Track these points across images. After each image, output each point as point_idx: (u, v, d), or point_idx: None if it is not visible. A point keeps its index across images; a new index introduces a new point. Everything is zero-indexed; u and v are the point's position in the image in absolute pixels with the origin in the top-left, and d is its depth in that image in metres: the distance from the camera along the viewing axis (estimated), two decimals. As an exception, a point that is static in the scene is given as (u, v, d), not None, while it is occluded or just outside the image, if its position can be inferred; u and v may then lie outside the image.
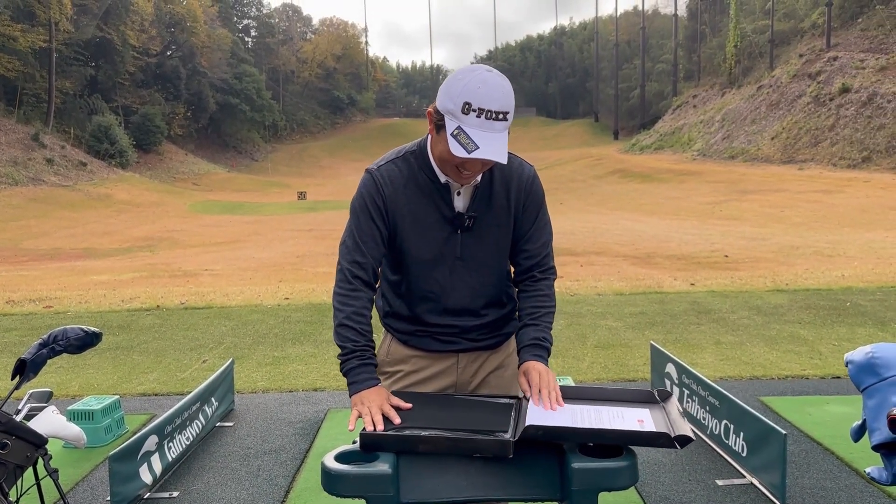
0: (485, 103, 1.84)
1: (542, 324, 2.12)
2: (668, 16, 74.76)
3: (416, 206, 2.07)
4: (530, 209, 2.17)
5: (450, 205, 2.07)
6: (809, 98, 43.02)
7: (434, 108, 1.94)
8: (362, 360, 2.02)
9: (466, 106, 1.84)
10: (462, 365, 2.22)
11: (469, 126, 1.84)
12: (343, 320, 2.04)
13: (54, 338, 2.73)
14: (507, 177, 2.11)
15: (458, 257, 2.11)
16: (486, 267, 2.15)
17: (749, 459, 3.75)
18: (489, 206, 2.10)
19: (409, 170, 2.08)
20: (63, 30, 52.35)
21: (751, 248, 15.64)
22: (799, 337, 7.03)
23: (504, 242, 2.16)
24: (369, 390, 1.97)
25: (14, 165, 41.28)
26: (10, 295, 11.18)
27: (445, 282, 2.13)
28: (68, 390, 5.79)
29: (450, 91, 1.87)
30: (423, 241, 2.09)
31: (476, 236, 2.10)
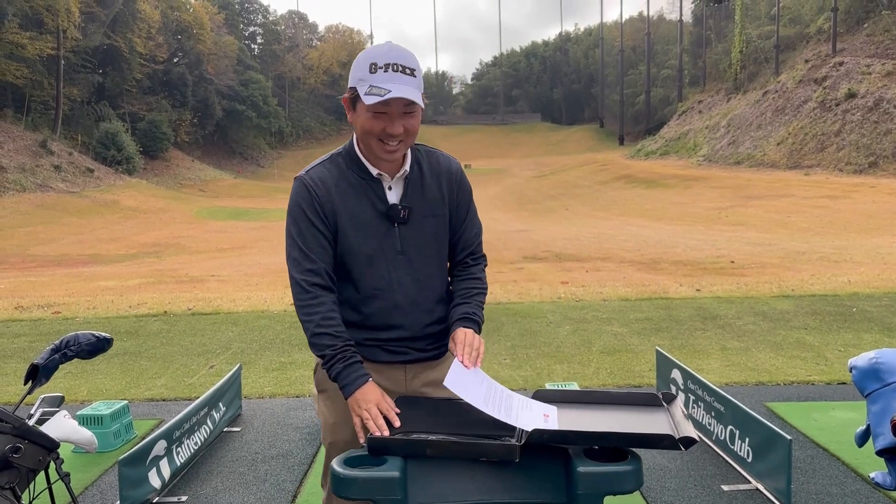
0: (390, 59, 1.94)
1: (474, 302, 2.18)
2: (673, 21, 74.80)
3: (350, 204, 2.09)
4: (462, 201, 2.23)
5: (383, 199, 2.11)
6: (815, 103, 42.92)
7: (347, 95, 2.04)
8: (345, 361, 2.02)
9: (373, 66, 1.94)
10: (410, 377, 2.21)
11: (378, 81, 1.93)
12: (315, 329, 2.04)
13: (66, 343, 2.77)
14: (437, 169, 2.19)
15: (399, 251, 2.13)
16: (427, 258, 2.17)
17: (754, 465, 3.77)
18: (423, 197, 2.14)
19: (339, 170, 2.12)
20: (71, 37, 52.62)
21: (757, 254, 15.61)
22: (805, 343, 7.03)
23: (442, 234, 2.20)
24: (362, 390, 1.98)
25: (22, 172, 41.48)
26: (19, 301, 11.25)
27: (391, 277, 2.13)
28: (77, 395, 5.84)
29: (357, 64, 1.99)
30: (363, 237, 2.10)
31: (414, 228, 2.13)
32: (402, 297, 2.14)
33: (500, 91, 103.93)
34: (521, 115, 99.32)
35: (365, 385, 2.00)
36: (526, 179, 53.36)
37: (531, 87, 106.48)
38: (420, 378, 2.21)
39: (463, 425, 1.87)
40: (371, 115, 1.99)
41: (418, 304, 2.17)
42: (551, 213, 33.81)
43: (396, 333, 2.16)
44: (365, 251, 2.11)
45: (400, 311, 2.14)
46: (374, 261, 2.11)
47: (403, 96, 1.93)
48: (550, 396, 2.04)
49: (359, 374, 2.02)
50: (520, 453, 1.72)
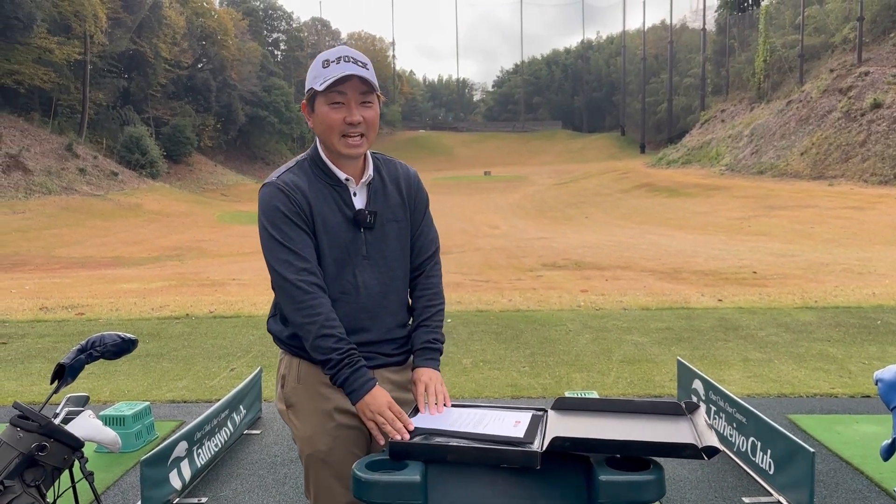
0: (342, 53, 2.05)
1: (433, 324, 2.24)
2: (696, 30, 74.37)
3: (323, 209, 2.12)
4: (420, 206, 2.30)
5: (350, 204, 2.14)
6: (840, 113, 42.45)
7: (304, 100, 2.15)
8: (353, 366, 2.01)
9: (325, 62, 2.05)
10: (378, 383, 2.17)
11: (332, 71, 2.03)
12: (319, 331, 2.00)
13: (92, 344, 2.81)
14: (395, 175, 2.26)
15: (365, 256, 2.16)
16: (392, 262, 2.21)
17: (776, 477, 3.72)
18: (385, 202, 2.20)
19: (307, 176, 2.14)
20: (98, 42, 53.35)
21: (779, 265, 15.46)
22: (828, 355, 6.94)
23: (404, 238, 2.25)
24: (371, 395, 1.99)
25: (48, 175, 42.08)
26: (44, 302, 11.40)
27: (356, 280, 2.15)
28: (100, 396, 5.90)
29: (311, 68, 2.10)
30: (332, 242, 2.12)
31: (378, 233, 2.17)
32: (368, 301, 2.16)
33: (520, 98, 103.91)
34: (541, 123, 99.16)
35: (374, 389, 2.01)
36: (546, 187, 53.24)
37: (552, 95, 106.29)
38: (386, 383, 2.18)
39: (484, 431, 1.87)
40: (329, 108, 2.06)
41: (384, 308, 2.20)
42: (571, 221, 33.69)
43: (363, 337, 2.16)
44: (333, 255, 2.13)
45: (366, 314, 2.15)
46: (341, 264, 2.14)
47: (356, 73, 2.01)
48: (572, 404, 2.03)
49: (366, 378, 2.02)
50: (541, 461, 1.72)
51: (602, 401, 2.04)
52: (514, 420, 1.94)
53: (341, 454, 2.16)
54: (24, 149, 42.83)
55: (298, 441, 2.22)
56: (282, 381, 2.25)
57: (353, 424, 2.16)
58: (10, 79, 46.16)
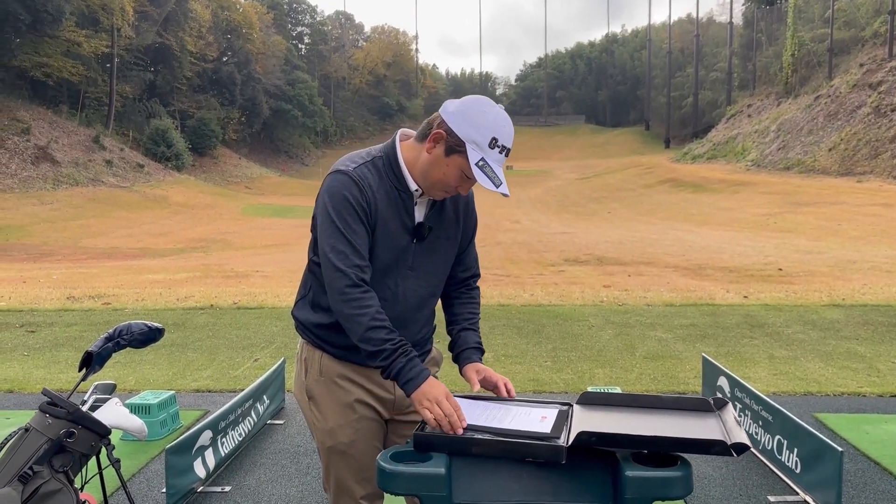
0: (507, 141, 1.98)
1: (477, 329, 2.32)
2: (722, 23, 73.53)
3: (386, 212, 2.08)
4: (471, 224, 2.31)
5: (411, 214, 2.11)
6: (870, 109, 41.78)
7: (448, 131, 1.96)
8: (407, 355, 1.98)
9: (493, 141, 1.95)
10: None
11: (492, 161, 1.96)
12: (370, 323, 1.98)
13: (119, 332, 2.83)
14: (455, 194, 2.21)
15: (410, 267, 2.15)
16: (432, 276, 2.22)
17: (803, 476, 3.67)
18: (441, 218, 2.18)
19: (378, 175, 2.08)
20: (125, 36, 53.97)
21: (806, 262, 15.26)
22: (856, 353, 6.84)
23: (450, 255, 2.26)
24: (428, 383, 1.95)
25: (76, 166, 42.67)
26: (71, 291, 11.57)
27: (397, 289, 2.14)
28: (126, 385, 5.97)
29: (476, 123, 1.94)
30: (386, 247, 2.10)
31: (428, 247, 2.16)
32: (403, 310, 2.16)
33: (543, 92, 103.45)
34: (564, 117, 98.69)
35: (430, 379, 1.98)
36: (568, 181, 53.00)
37: (575, 89, 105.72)
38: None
39: (510, 424, 1.86)
40: (458, 175, 2.00)
41: (415, 320, 2.22)
42: (594, 216, 33.52)
43: None
44: (383, 259, 2.11)
45: (398, 323, 2.10)
46: (386, 270, 2.12)
47: (507, 193, 2.01)
48: (597, 399, 2.01)
49: (420, 368, 1.99)
50: (566, 455, 1.70)
51: (628, 396, 2.02)
52: (540, 415, 1.92)
53: (362, 446, 2.17)
54: (52, 140, 43.46)
55: (318, 433, 2.22)
56: (305, 369, 2.24)
57: (373, 417, 2.18)
58: (40, 71, 46.85)
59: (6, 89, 45.74)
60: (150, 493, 3.82)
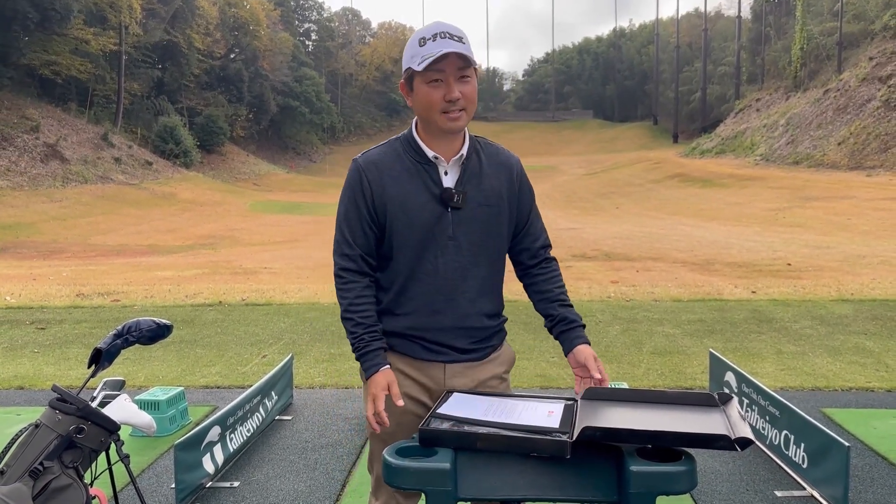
0: (437, 29, 2.01)
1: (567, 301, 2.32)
2: (731, 17, 73.17)
3: (403, 187, 2.10)
4: (527, 194, 2.27)
5: (437, 182, 2.11)
6: (879, 102, 41.47)
7: (402, 79, 2.11)
8: (362, 349, 2.10)
9: (421, 40, 2.02)
10: (449, 376, 2.19)
11: (429, 49, 1.99)
12: (343, 314, 2.14)
13: (128, 329, 2.86)
14: (497, 161, 2.20)
15: (451, 237, 2.12)
16: (477, 247, 2.16)
17: (810, 471, 3.67)
18: (479, 185, 2.14)
19: (395, 153, 2.14)
20: (132, 33, 54.07)
21: (815, 257, 15.19)
22: (864, 348, 6.82)
23: (495, 226, 2.17)
24: (374, 378, 2.07)
25: (84, 164, 42.83)
26: (80, 288, 11.63)
27: (437, 261, 2.13)
28: (135, 381, 6.02)
29: (407, 46, 2.07)
30: (414, 220, 2.10)
31: (467, 215, 2.12)
32: (445, 283, 2.14)
33: (551, 88, 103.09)
34: (572, 112, 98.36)
35: (375, 374, 2.08)
36: (576, 177, 52.87)
37: (583, 84, 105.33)
38: (457, 379, 2.19)
39: (515, 419, 1.87)
40: (428, 87, 2.03)
41: (462, 292, 2.15)
42: (602, 212, 33.43)
43: (437, 321, 2.15)
44: (415, 234, 2.11)
45: (442, 297, 2.13)
46: (423, 244, 2.12)
47: (453, 50, 1.98)
48: (602, 394, 2.02)
49: (374, 362, 2.09)
50: (571, 450, 1.71)
51: (633, 391, 2.02)
52: (547, 410, 1.93)
53: (401, 438, 2.19)
54: (61, 138, 43.62)
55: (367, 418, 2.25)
56: None
57: (416, 412, 2.17)
58: (48, 69, 47.02)
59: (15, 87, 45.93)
60: (160, 488, 3.85)
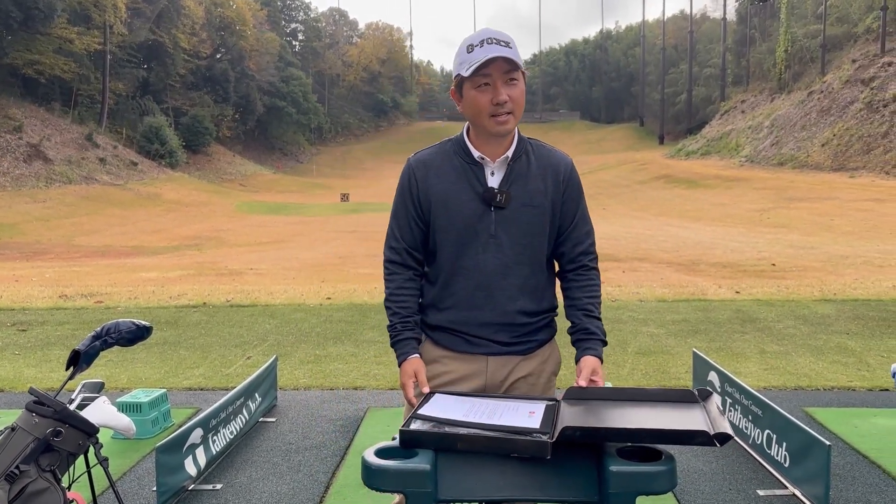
0: (484, 35, 2.06)
1: (597, 313, 2.30)
2: (716, 20, 73.61)
3: (449, 186, 2.19)
4: (572, 196, 2.27)
5: (483, 182, 2.17)
6: (862, 104, 41.91)
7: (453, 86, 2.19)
8: (394, 337, 2.23)
9: (470, 47, 2.07)
10: (491, 369, 2.24)
11: (477, 55, 2.04)
12: (385, 302, 2.28)
13: (107, 330, 2.83)
14: (545, 162, 2.23)
15: (492, 235, 2.17)
16: (519, 246, 2.19)
17: (792, 470, 3.69)
18: (525, 186, 2.17)
19: (445, 154, 2.23)
20: (117, 33, 53.75)
21: (798, 257, 15.31)
22: (846, 348, 6.87)
23: (538, 226, 2.20)
24: (401, 369, 2.19)
25: (69, 164, 42.51)
26: (63, 290, 11.53)
27: (478, 258, 2.18)
28: (117, 383, 5.96)
29: (457, 53, 2.12)
30: (455, 217, 2.18)
31: (510, 214, 2.17)
32: (485, 279, 2.19)
33: (538, 89, 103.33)
34: (559, 114, 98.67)
35: (403, 363, 2.19)
36: (563, 178, 52.94)
37: (570, 86, 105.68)
38: (501, 372, 2.25)
39: (495, 420, 1.86)
40: (476, 92, 2.09)
41: (502, 290, 2.20)
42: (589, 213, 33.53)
43: (477, 316, 2.21)
44: (458, 230, 2.18)
45: (482, 293, 2.20)
46: (464, 241, 2.19)
47: (499, 55, 2.02)
48: (583, 394, 2.02)
49: (402, 350, 2.21)
50: (551, 450, 1.70)
51: (613, 390, 2.02)
52: (528, 410, 1.92)
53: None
54: (44, 138, 43.30)
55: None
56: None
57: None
58: (32, 69, 46.65)
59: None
60: (141, 491, 3.81)
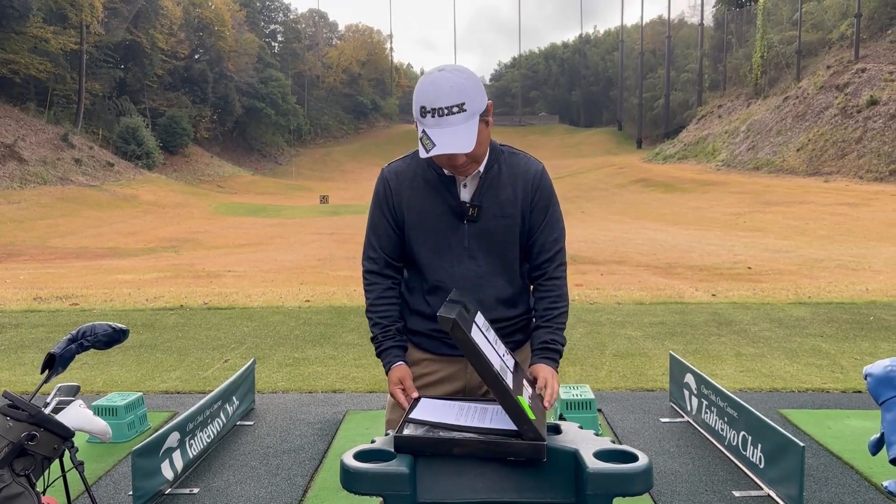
0: (435, 103, 1.94)
1: (555, 325, 2.23)
2: (693, 25, 74.29)
3: (422, 199, 2.18)
4: (540, 204, 2.23)
5: (455, 195, 2.16)
6: (836, 110, 42.51)
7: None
8: (379, 349, 2.24)
9: (422, 109, 1.97)
10: (471, 370, 2.25)
11: (428, 126, 1.96)
12: (366, 312, 2.29)
13: (83, 333, 2.80)
14: (515, 170, 2.20)
15: (466, 248, 2.18)
16: (493, 257, 2.21)
17: (767, 471, 3.74)
18: (496, 197, 2.16)
19: (418, 166, 2.21)
20: (94, 32, 53.15)
21: (774, 260, 15.50)
22: (820, 350, 6.97)
23: (511, 236, 2.21)
24: (388, 377, 2.19)
25: (43, 165, 41.93)
26: (38, 292, 11.38)
27: (453, 271, 2.20)
28: (93, 386, 5.90)
29: (413, 99, 2.01)
30: (431, 232, 2.19)
31: (483, 227, 2.18)
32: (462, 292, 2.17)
33: (518, 92, 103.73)
34: (538, 117, 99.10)
35: (389, 371, 2.20)
36: (542, 181, 53.14)
37: (549, 89, 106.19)
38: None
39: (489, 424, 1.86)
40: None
41: (479, 301, 2.20)
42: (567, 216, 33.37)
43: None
44: (432, 245, 2.19)
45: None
46: (439, 254, 2.20)
47: (444, 153, 1.95)
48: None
49: (387, 359, 2.22)
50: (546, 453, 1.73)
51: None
52: None
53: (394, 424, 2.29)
54: (19, 138, 42.67)
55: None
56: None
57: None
58: (6, 68, 45.98)
59: (-29, 86, 44.86)
60: (117, 495, 3.78)
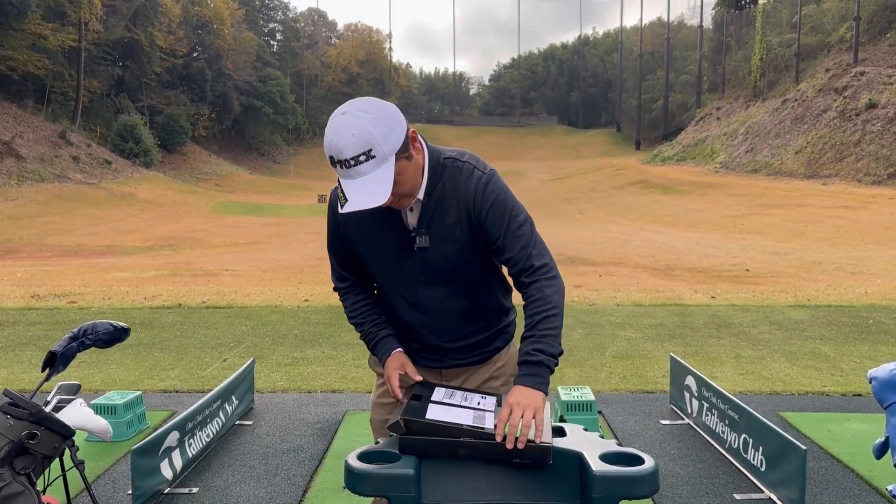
0: (338, 153, 1.81)
1: (539, 333, 1.98)
2: (693, 27, 74.35)
3: (372, 230, 2.08)
4: (490, 217, 2.03)
5: (402, 223, 2.06)
6: (835, 113, 42.56)
7: None
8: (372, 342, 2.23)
9: (330, 160, 1.85)
10: (447, 380, 2.26)
11: (341, 177, 1.86)
12: (350, 322, 2.29)
13: (84, 332, 2.79)
14: (457, 189, 2.03)
15: (421, 274, 2.09)
16: (452, 280, 2.11)
17: (768, 474, 3.73)
18: (442, 220, 2.03)
19: None
20: (92, 30, 53.05)
21: (772, 263, 15.50)
22: (820, 353, 6.97)
23: (465, 257, 2.07)
24: (386, 365, 2.18)
25: (41, 162, 41.84)
26: (36, 290, 11.35)
27: (414, 299, 2.14)
28: (91, 385, 5.88)
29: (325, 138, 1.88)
30: (384, 263, 2.12)
31: (435, 254, 2.05)
32: (426, 318, 2.17)
33: (517, 93, 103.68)
34: (537, 118, 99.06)
35: (388, 359, 2.18)
36: (541, 182, 53.25)
37: (548, 90, 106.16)
38: (456, 381, 2.26)
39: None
40: None
41: (445, 322, 2.18)
42: (565, 217, 33.70)
43: (427, 343, 2.23)
44: (387, 275, 2.16)
45: (427, 329, 2.20)
46: (397, 283, 2.15)
47: (357, 209, 1.84)
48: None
49: (384, 349, 2.20)
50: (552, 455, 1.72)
51: None
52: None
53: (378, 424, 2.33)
54: (16, 135, 42.57)
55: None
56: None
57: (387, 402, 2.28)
58: (4, 65, 45.89)
59: (-31, 83, 44.76)
60: (116, 494, 3.76)
